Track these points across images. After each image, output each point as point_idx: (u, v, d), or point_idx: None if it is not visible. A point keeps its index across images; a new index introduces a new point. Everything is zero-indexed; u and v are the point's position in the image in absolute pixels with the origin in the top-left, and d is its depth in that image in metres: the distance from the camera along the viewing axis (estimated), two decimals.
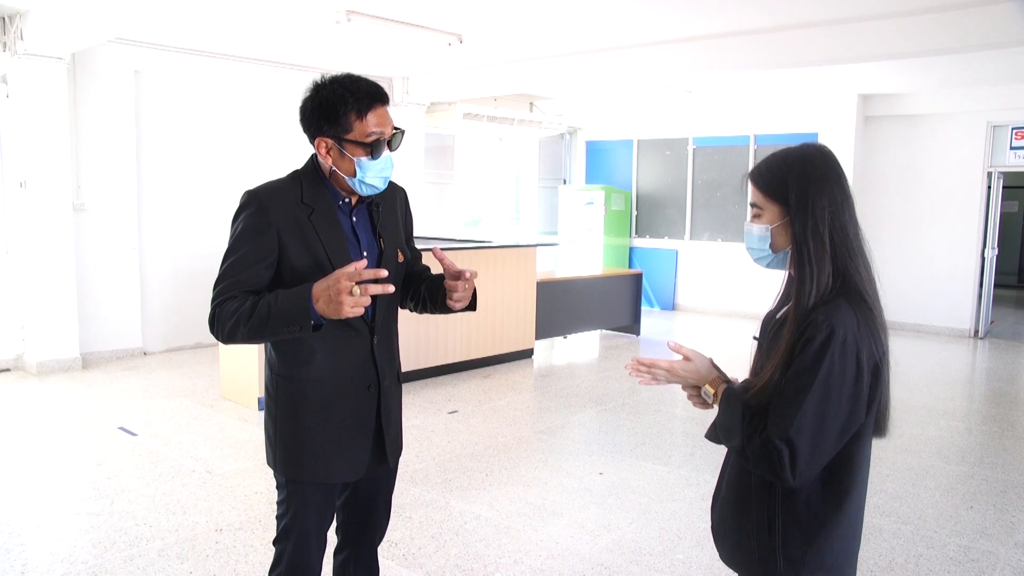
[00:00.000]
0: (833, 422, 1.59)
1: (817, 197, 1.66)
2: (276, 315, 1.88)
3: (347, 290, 1.80)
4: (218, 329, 1.99)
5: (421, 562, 3.51)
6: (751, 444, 1.63)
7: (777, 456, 1.57)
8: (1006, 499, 4.42)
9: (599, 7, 5.96)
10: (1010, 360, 8.61)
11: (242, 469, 4.62)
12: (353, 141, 1.99)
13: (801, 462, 1.57)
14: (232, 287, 1.98)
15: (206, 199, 8.10)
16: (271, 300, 1.91)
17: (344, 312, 1.82)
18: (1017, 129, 9.43)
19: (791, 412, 1.58)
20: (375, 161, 2.01)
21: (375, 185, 2.06)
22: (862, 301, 1.65)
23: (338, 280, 1.81)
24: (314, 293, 1.85)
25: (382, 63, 8.44)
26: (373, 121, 2.00)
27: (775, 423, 1.60)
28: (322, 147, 2.03)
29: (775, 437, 1.58)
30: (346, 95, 1.98)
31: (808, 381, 1.58)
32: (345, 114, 1.98)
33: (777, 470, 1.59)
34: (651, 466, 4.86)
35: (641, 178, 12.09)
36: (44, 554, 3.52)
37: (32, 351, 6.89)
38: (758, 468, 1.64)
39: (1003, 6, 5.42)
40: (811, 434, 1.57)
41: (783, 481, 1.60)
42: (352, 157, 2.00)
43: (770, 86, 9.55)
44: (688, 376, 1.80)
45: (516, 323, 7.69)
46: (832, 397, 1.58)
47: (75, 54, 7.05)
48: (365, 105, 1.99)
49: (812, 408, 1.57)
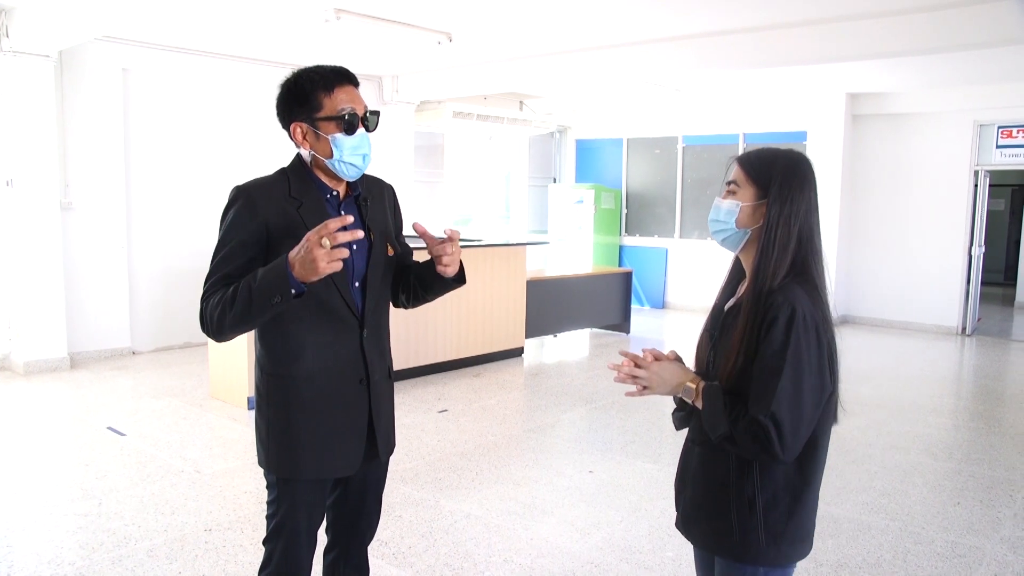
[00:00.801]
0: (809, 394, 1.68)
1: (798, 192, 1.79)
2: (257, 291, 1.87)
3: (317, 244, 1.79)
4: (207, 324, 2.00)
5: (411, 561, 3.50)
6: (737, 428, 1.70)
7: (764, 433, 1.66)
8: (992, 495, 4.46)
9: (588, 6, 5.96)
10: (997, 357, 8.67)
11: (231, 469, 4.61)
12: (325, 118, 2.02)
13: (787, 435, 1.66)
14: (219, 282, 1.99)
15: (194, 197, 8.06)
16: (250, 279, 1.91)
17: (320, 268, 1.79)
18: (1003, 128, 9.50)
19: (770, 389, 1.67)
20: (350, 138, 2.02)
21: (354, 164, 2.05)
22: (816, 290, 1.76)
23: (307, 239, 1.81)
24: (290, 260, 1.84)
25: (371, 62, 8.43)
26: (342, 97, 2.03)
27: (756, 403, 1.68)
28: (298, 133, 2.05)
29: (759, 415, 1.66)
30: (313, 76, 2.04)
31: (780, 358, 1.68)
32: (313, 93, 2.02)
33: (767, 447, 1.67)
34: (641, 464, 4.87)
35: (631, 177, 12.11)
36: (31, 555, 3.50)
37: (19, 351, 6.84)
38: (748, 450, 1.72)
39: (991, 5, 5.46)
40: (791, 407, 1.66)
41: (773, 457, 1.69)
42: (327, 136, 2.02)
43: (759, 85, 9.59)
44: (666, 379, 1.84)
45: (506, 322, 7.69)
46: (804, 369, 1.68)
47: (62, 52, 7.00)
48: (331, 82, 2.03)
49: (788, 383, 1.66)
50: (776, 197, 1.77)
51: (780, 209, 1.77)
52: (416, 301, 2.35)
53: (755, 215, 1.81)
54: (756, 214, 1.81)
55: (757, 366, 1.70)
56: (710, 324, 1.95)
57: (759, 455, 1.70)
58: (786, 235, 1.76)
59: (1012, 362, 8.42)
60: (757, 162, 1.83)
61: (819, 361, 1.70)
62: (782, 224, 1.76)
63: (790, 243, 1.76)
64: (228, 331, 1.99)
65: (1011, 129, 9.45)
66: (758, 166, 1.83)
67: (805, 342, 1.68)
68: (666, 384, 1.84)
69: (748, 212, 1.82)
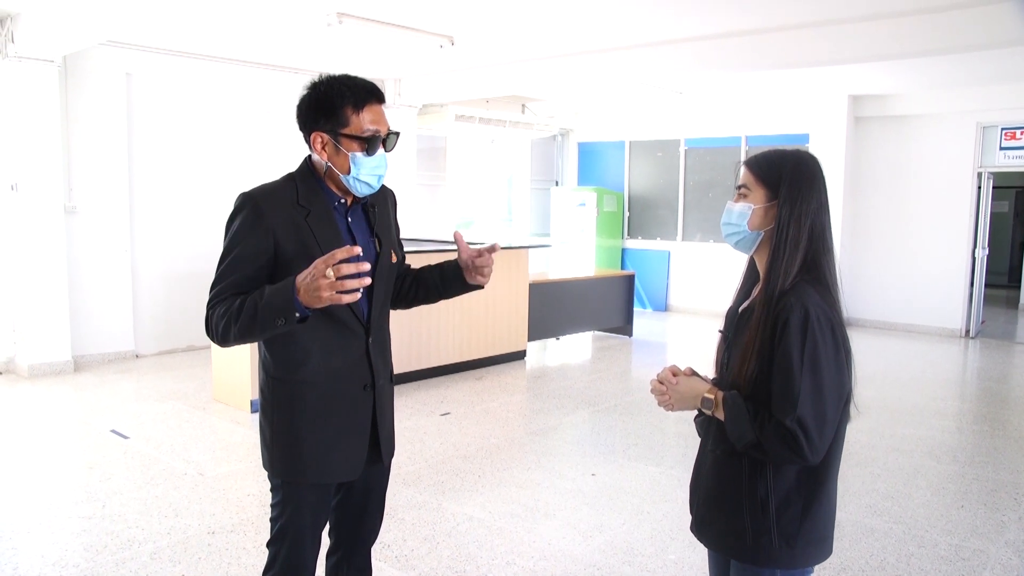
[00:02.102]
0: (829, 393, 1.69)
1: (808, 192, 1.80)
2: (262, 310, 1.88)
3: (322, 274, 1.79)
4: (212, 332, 2.00)
5: (414, 564, 3.51)
6: (764, 434, 1.70)
7: (792, 437, 1.66)
8: (996, 498, 4.45)
9: (590, 9, 5.97)
10: (1001, 360, 8.65)
11: (234, 471, 4.61)
12: (349, 135, 2.01)
13: (814, 436, 1.66)
14: (226, 290, 1.98)
15: (198, 202, 8.08)
16: (257, 297, 1.91)
17: (323, 297, 1.80)
18: (1006, 129, 9.48)
19: (791, 393, 1.67)
20: (370, 158, 2.03)
21: (369, 183, 2.06)
22: (828, 291, 1.77)
23: (315, 267, 1.81)
24: (297, 284, 1.84)
25: (374, 65, 8.44)
26: (369, 117, 2.02)
27: (779, 407, 1.69)
28: (317, 142, 2.04)
29: (785, 420, 1.66)
30: (344, 90, 2.01)
31: (799, 361, 1.68)
32: (342, 108, 2.00)
33: (796, 450, 1.67)
34: (643, 467, 4.87)
35: (633, 179, 12.11)
36: (35, 557, 3.51)
37: (24, 354, 6.86)
38: (777, 455, 1.71)
39: (993, 7, 5.46)
40: (814, 408, 1.67)
41: (803, 459, 1.69)
42: (347, 152, 2.01)
43: (761, 87, 9.59)
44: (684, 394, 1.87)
45: (508, 325, 7.70)
46: (823, 370, 1.68)
47: (66, 56, 7.03)
48: (362, 100, 2.01)
49: (808, 384, 1.67)
50: (786, 197, 1.79)
51: (791, 209, 1.79)
52: (413, 304, 2.39)
53: (767, 216, 1.83)
54: (768, 216, 1.83)
55: (776, 369, 1.71)
56: (725, 326, 1.97)
57: (789, 459, 1.70)
58: (797, 234, 1.78)
59: (1016, 365, 8.40)
60: (765, 164, 1.85)
61: (836, 359, 1.71)
62: (793, 223, 1.78)
63: (801, 241, 1.78)
64: (232, 342, 2.00)
65: (1015, 131, 9.43)
66: (766, 168, 1.84)
67: (822, 342, 1.69)
68: (684, 399, 1.86)
69: (760, 214, 1.84)
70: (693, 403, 1.86)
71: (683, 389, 1.86)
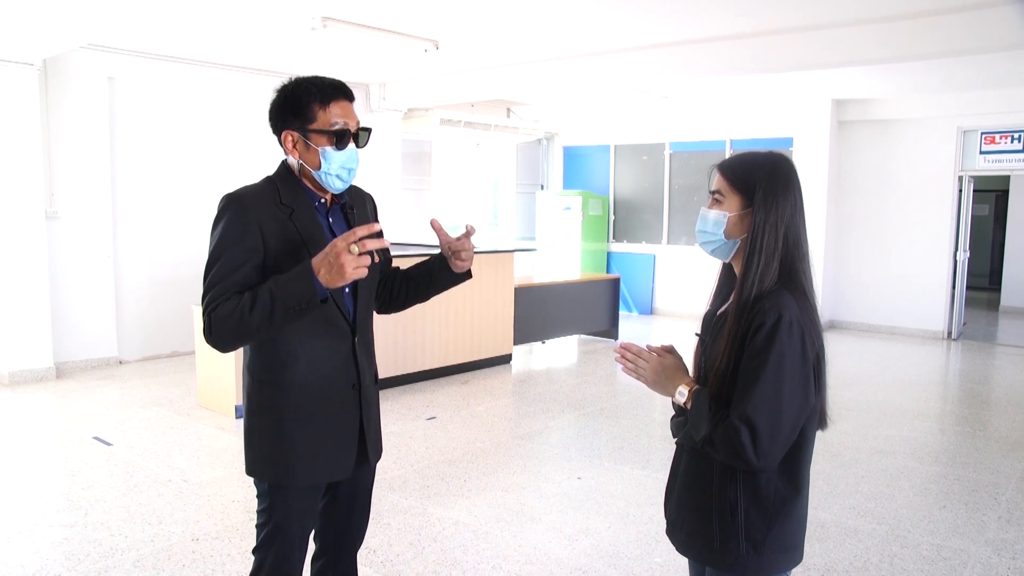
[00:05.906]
0: (789, 401, 1.66)
1: (782, 197, 1.77)
2: (280, 298, 1.86)
3: (346, 250, 1.81)
4: (217, 335, 1.95)
5: (399, 569, 3.50)
6: (715, 431, 1.69)
7: (737, 436, 1.64)
8: (977, 498, 4.49)
9: (575, 13, 5.99)
10: (982, 361, 8.74)
11: (219, 478, 4.59)
12: (317, 131, 2.04)
13: (763, 441, 1.64)
14: (224, 291, 1.95)
15: (181, 206, 8.03)
16: (271, 286, 1.89)
17: (347, 273, 1.82)
18: (987, 134, 9.59)
19: (748, 393, 1.66)
20: (340, 152, 2.05)
21: (341, 177, 2.08)
22: (804, 297, 1.76)
23: (334, 245, 1.83)
24: (314, 266, 1.85)
25: (358, 69, 8.43)
26: (336, 111, 2.05)
27: (734, 406, 1.68)
28: (288, 140, 2.07)
29: (734, 418, 1.65)
30: (310, 87, 2.05)
31: (761, 363, 1.66)
32: (309, 104, 2.04)
33: (740, 451, 1.65)
34: (629, 470, 4.88)
35: (618, 183, 12.15)
36: (15, 567, 3.47)
37: (5, 361, 6.78)
38: (724, 454, 1.70)
39: (976, 13, 5.52)
40: (769, 413, 1.64)
41: (747, 463, 1.67)
42: (317, 147, 2.04)
43: (746, 91, 9.65)
44: (666, 370, 1.87)
45: (494, 329, 7.69)
46: (786, 377, 1.66)
47: (47, 60, 6.97)
48: (328, 95, 2.05)
49: (768, 388, 1.65)
50: (761, 203, 1.76)
51: (765, 216, 1.76)
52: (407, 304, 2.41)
53: (742, 224, 1.80)
54: (743, 223, 1.80)
55: (741, 370, 1.70)
56: (703, 329, 1.96)
57: (735, 459, 1.68)
58: (772, 240, 1.75)
59: (997, 366, 8.48)
60: (739, 169, 1.82)
61: (803, 370, 1.69)
62: (768, 230, 1.76)
63: (777, 248, 1.76)
64: (241, 342, 1.98)
65: (994, 135, 9.53)
66: (740, 174, 1.81)
67: (789, 349, 1.66)
68: (662, 379, 1.85)
69: (735, 222, 1.81)
70: (668, 386, 1.84)
71: (668, 365, 1.86)
